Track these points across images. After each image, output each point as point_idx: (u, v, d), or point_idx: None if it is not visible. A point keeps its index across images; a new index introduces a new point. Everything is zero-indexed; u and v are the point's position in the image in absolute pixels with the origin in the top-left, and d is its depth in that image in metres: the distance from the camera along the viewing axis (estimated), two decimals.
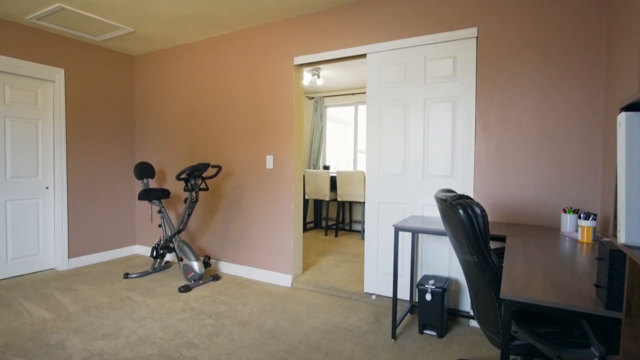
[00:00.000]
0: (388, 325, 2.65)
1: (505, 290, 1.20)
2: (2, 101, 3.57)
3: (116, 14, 3.36)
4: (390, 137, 3.00)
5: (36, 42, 3.74)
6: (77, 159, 4.08)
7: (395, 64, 2.97)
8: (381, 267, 3.08)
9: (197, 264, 3.40)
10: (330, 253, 4.57)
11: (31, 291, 3.29)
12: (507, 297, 1.17)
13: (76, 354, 2.22)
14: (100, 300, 3.08)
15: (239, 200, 3.79)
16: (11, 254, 3.67)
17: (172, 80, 4.31)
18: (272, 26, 3.55)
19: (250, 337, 2.46)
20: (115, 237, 4.49)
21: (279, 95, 3.52)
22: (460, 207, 1.50)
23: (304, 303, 3.07)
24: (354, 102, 6.41)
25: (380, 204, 3.06)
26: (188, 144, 4.19)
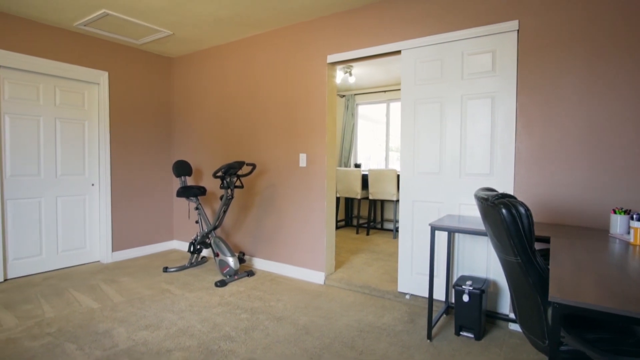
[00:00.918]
0: (423, 326, 2.62)
1: (554, 293, 1.15)
2: (52, 103, 3.79)
3: (156, 18, 3.49)
4: (426, 134, 2.95)
5: (83, 47, 3.95)
6: (119, 157, 4.28)
7: (431, 60, 2.91)
8: (415, 266, 3.04)
9: (233, 260, 3.49)
10: (362, 251, 4.55)
11: (79, 282, 3.49)
12: (556, 301, 1.13)
13: (122, 343, 2.34)
14: (142, 293, 3.22)
15: (273, 198, 3.85)
16: (61, 247, 3.91)
17: (208, 80, 4.43)
18: (305, 25, 3.57)
19: (285, 332, 2.50)
20: (154, 233, 4.67)
21: (311, 93, 3.54)
22: (503, 206, 1.46)
23: (337, 301, 3.08)
24: (386, 100, 6.34)
25: (415, 203, 3.02)
26: (223, 143, 4.30)
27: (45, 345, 2.30)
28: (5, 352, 2.21)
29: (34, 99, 3.67)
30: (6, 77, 3.47)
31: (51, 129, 3.79)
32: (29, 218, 3.67)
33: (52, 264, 3.84)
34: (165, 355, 2.19)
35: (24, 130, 3.60)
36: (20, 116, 3.58)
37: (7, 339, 2.37)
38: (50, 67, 3.70)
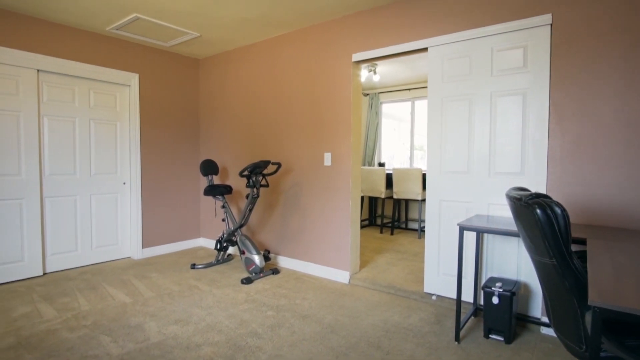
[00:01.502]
0: (450, 327, 2.57)
1: (594, 297, 1.11)
2: (87, 105, 3.95)
3: (184, 20, 3.57)
4: (453, 132, 2.90)
5: (115, 50, 4.09)
6: (149, 157, 4.42)
7: (459, 57, 2.85)
8: (442, 267, 2.99)
9: (258, 258, 3.54)
10: (387, 251, 4.52)
11: (112, 277, 3.62)
12: (596, 305, 1.08)
13: (153, 336, 2.41)
14: (171, 288, 3.31)
15: (298, 197, 3.87)
16: (95, 243, 4.07)
17: (233, 80, 4.50)
18: (330, 24, 3.57)
19: (311, 330, 2.51)
20: (182, 230, 4.79)
21: (336, 92, 3.54)
22: (537, 206, 1.41)
23: (362, 300, 3.07)
24: (411, 98, 6.26)
25: (442, 202, 2.97)
26: (249, 142, 4.36)
27: (82, 337, 2.40)
28: (46, 342, 2.33)
29: (70, 101, 3.83)
30: (45, 81, 3.64)
31: (86, 129, 3.95)
32: (66, 215, 3.83)
33: (86, 259, 4.01)
34: (195, 350, 2.24)
35: (61, 131, 3.76)
36: (58, 118, 3.74)
37: (48, 330, 2.49)
38: (85, 70, 3.85)
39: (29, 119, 3.52)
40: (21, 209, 3.51)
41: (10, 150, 3.42)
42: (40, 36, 3.55)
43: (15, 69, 3.43)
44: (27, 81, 3.51)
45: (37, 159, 3.58)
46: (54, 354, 2.20)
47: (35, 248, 3.60)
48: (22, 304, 2.95)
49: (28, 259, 3.56)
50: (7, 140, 3.40)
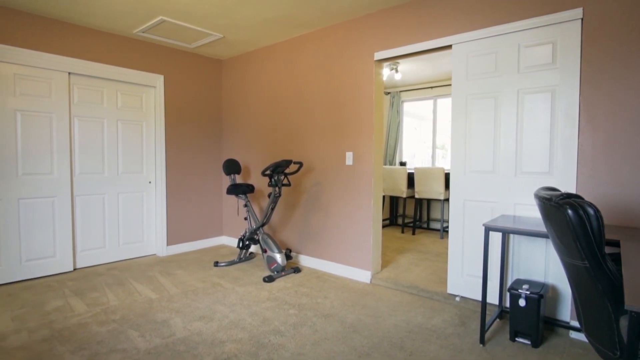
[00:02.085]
0: (475, 330, 2.53)
1: (631, 301, 1.07)
2: (115, 106, 4.07)
3: (208, 22, 3.63)
4: (478, 131, 2.84)
5: (141, 52, 4.20)
6: (173, 156, 4.52)
7: (484, 54, 2.79)
8: (466, 268, 2.94)
9: (280, 256, 3.56)
10: (408, 251, 4.47)
11: (138, 273, 3.73)
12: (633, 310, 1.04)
13: (179, 332, 2.47)
14: (195, 285, 3.38)
15: (319, 196, 3.88)
16: (122, 240, 4.20)
17: (255, 81, 4.54)
18: (351, 23, 3.56)
19: (333, 329, 2.52)
20: (205, 228, 4.88)
21: (358, 91, 3.53)
22: (569, 207, 1.37)
23: (384, 300, 3.05)
24: (433, 96, 6.18)
25: (466, 202, 2.92)
26: (270, 141, 4.40)
27: (111, 331, 2.48)
28: (77, 335, 2.42)
29: (99, 103, 3.95)
30: (75, 83, 3.78)
31: (113, 130, 4.07)
32: (94, 213, 3.97)
33: (114, 255, 4.14)
34: (219, 346, 2.28)
35: (90, 132, 3.90)
36: (87, 119, 3.87)
37: (79, 324, 2.59)
38: (113, 72, 3.97)
39: (61, 120, 3.66)
40: (53, 206, 3.65)
41: (43, 151, 3.56)
42: (71, 40, 3.69)
43: (48, 72, 3.57)
44: (59, 84, 3.65)
45: (68, 159, 3.72)
46: (85, 346, 2.28)
47: (66, 244, 3.74)
48: (54, 298, 3.07)
49: (60, 255, 3.70)
50: (40, 141, 3.54)
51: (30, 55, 3.43)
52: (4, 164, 3.35)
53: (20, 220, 3.46)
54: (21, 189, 3.45)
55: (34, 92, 3.49)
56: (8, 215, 3.39)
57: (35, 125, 3.51)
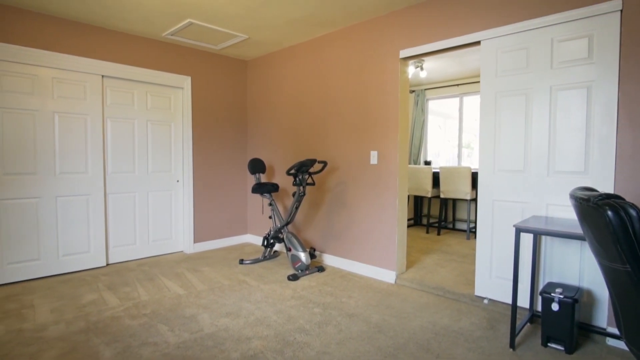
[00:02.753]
0: (504, 333, 2.46)
1: None
2: (145, 107, 4.20)
3: (234, 24, 3.69)
4: (508, 129, 2.76)
5: (170, 55, 4.31)
6: (200, 156, 4.62)
7: (515, 50, 2.71)
8: (495, 270, 2.87)
9: (304, 255, 3.58)
10: (434, 252, 4.40)
11: (167, 269, 3.83)
12: None
13: (206, 328, 2.52)
14: (221, 282, 3.44)
15: (343, 195, 3.87)
16: (151, 237, 4.32)
17: (280, 81, 4.58)
18: (376, 21, 3.53)
19: (358, 329, 2.51)
20: (230, 226, 4.97)
21: (383, 90, 3.50)
22: (609, 208, 1.31)
23: (409, 301, 3.01)
24: (459, 94, 6.05)
25: (495, 202, 2.84)
26: (295, 141, 4.42)
27: (142, 325, 2.56)
28: (111, 328, 2.51)
29: (130, 104, 4.09)
30: (108, 86, 3.92)
31: (143, 130, 4.20)
32: (126, 211, 4.10)
33: (144, 252, 4.27)
34: (246, 343, 2.32)
35: (121, 132, 4.03)
36: (119, 120, 4.01)
37: (112, 317, 2.69)
38: (143, 74, 4.10)
39: (95, 121, 3.81)
40: (88, 204, 3.80)
41: (78, 151, 3.72)
42: (104, 44, 3.82)
43: (83, 75, 3.72)
44: (93, 86, 3.79)
45: (101, 159, 3.86)
46: (119, 339, 2.36)
47: (100, 241, 3.89)
48: (89, 291, 3.20)
49: (93, 250, 3.85)
50: (76, 142, 3.70)
51: (66, 59, 3.58)
52: (43, 164, 3.51)
53: (58, 217, 3.63)
54: (59, 187, 3.61)
55: (70, 94, 3.65)
56: (47, 212, 3.56)
57: (71, 126, 3.66)
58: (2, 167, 3.31)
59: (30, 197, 3.46)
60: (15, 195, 3.38)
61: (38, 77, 3.47)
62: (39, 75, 3.48)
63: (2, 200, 3.32)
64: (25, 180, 3.43)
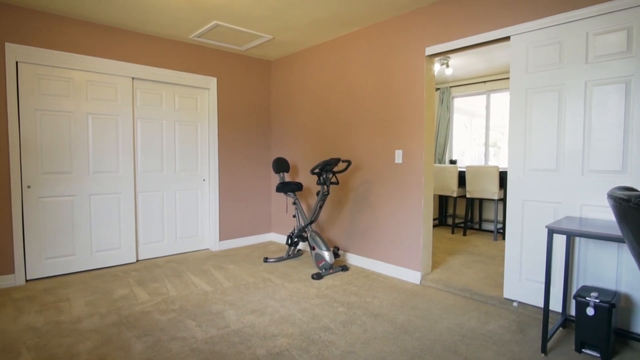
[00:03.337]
0: (535, 338, 2.39)
1: None
2: (172, 108, 4.31)
3: (259, 25, 3.73)
4: (540, 127, 2.67)
5: (196, 56, 4.41)
6: (225, 155, 4.70)
7: (547, 45, 2.62)
8: (525, 272, 2.78)
9: (328, 254, 3.59)
10: (459, 253, 4.32)
11: (194, 266, 3.92)
12: None
13: (233, 324, 2.57)
14: (246, 280, 3.49)
15: (367, 194, 3.85)
16: (179, 234, 4.43)
17: (303, 80, 4.60)
18: (401, 18, 3.49)
19: (383, 329, 2.49)
20: (254, 225, 5.03)
21: (408, 88, 3.45)
22: None
23: (435, 302, 2.96)
24: (486, 91, 5.90)
25: (525, 203, 2.76)
26: (319, 140, 4.43)
27: (171, 320, 2.63)
28: (141, 322, 2.59)
29: (158, 105, 4.20)
30: (138, 88, 4.04)
31: (171, 131, 4.31)
32: (154, 209, 4.22)
33: (171, 249, 4.38)
34: (271, 340, 2.34)
35: (150, 133, 4.15)
36: (148, 120, 4.13)
37: (142, 311, 2.77)
38: (171, 76, 4.21)
39: (125, 122, 3.94)
40: (119, 202, 3.94)
41: (110, 151, 3.85)
42: (134, 47, 3.95)
43: (115, 77, 3.86)
44: (124, 88, 3.92)
45: (131, 158, 3.99)
46: (149, 333, 2.44)
47: (130, 237, 4.02)
48: (120, 286, 3.31)
49: (124, 247, 3.99)
50: (108, 142, 3.84)
51: (100, 62, 3.72)
52: (78, 163, 3.66)
53: (91, 215, 3.77)
54: (92, 185, 3.76)
55: (102, 96, 3.79)
56: (81, 210, 3.71)
57: (103, 127, 3.80)
58: (41, 167, 3.47)
59: (66, 195, 3.62)
60: (53, 193, 3.54)
61: (73, 80, 3.62)
62: (74, 79, 3.62)
63: (41, 198, 3.48)
64: (62, 179, 3.59)
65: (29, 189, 3.42)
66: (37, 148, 3.45)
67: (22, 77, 3.37)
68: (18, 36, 3.31)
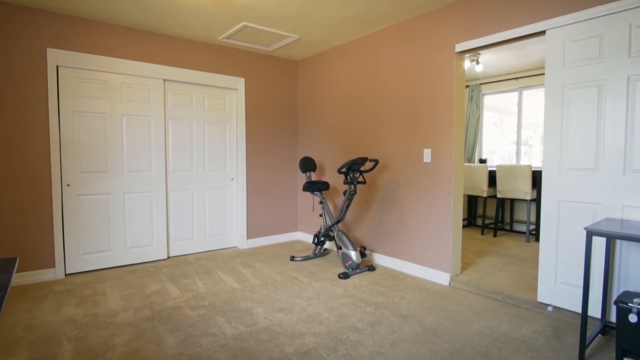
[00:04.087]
0: (572, 344, 2.29)
1: None
2: (202, 109, 4.41)
3: (286, 25, 3.76)
4: (577, 124, 2.56)
5: (225, 57, 4.49)
6: (253, 155, 4.76)
7: (586, 38, 2.50)
8: (561, 275, 2.68)
9: (355, 254, 3.57)
10: (490, 254, 4.20)
11: (222, 264, 4.00)
12: None
13: (261, 321, 2.60)
14: (274, 278, 3.53)
15: (395, 194, 3.81)
16: (208, 232, 4.53)
17: (329, 79, 4.60)
18: (430, 15, 3.43)
19: (411, 331, 2.46)
20: (281, 223, 5.07)
21: (437, 86, 3.39)
22: None
23: (465, 304, 2.90)
24: (518, 88, 5.71)
25: (562, 203, 2.65)
26: (345, 139, 4.42)
27: (201, 316, 2.69)
28: (173, 317, 2.67)
29: (188, 106, 4.31)
30: (169, 89, 4.16)
31: (201, 131, 4.41)
32: (184, 207, 4.34)
33: (200, 246, 4.49)
34: (299, 338, 2.36)
35: (181, 133, 4.26)
36: (179, 121, 4.24)
37: (174, 307, 2.85)
38: (200, 77, 4.30)
39: (157, 122, 4.06)
40: (151, 200, 4.07)
41: (143, 150, 3.98)
42: (165, 49, 4.06)
43: (148, 79, 3.98)
44: (156, 90, 4.04)
45: (163, 158, 4.11)
46: (181, 328, 2.51)
47: (162, 235, 4.15)
48: (153, 282, 3.42)
49: (156, 243, 4.12)
50: (141, 142, 3.97)
51: (133, 65, 3.85)
52: (113, 163, 3.81)
53: (125, 212, 3.91)
54: (126, 184, 3.90)
55: (136, 98, 3.92)
56: (116, 208, 3.85)
57: (136, 127, 3.94)
58: (79, 166, 3.64)
59: (102, 193, 3.77)
60: (90, 191, 3.70)
61: (109, 82, 3.77)
62: (110, 81, 3.77)
63: (79, 196, 3.65)
64: (98, 178, 3.74)
65: (68, 187, 3.59)
66: (75, 148, 3.61)
67: (62, 80, 3.53)
68: (58, 42, 3.47)
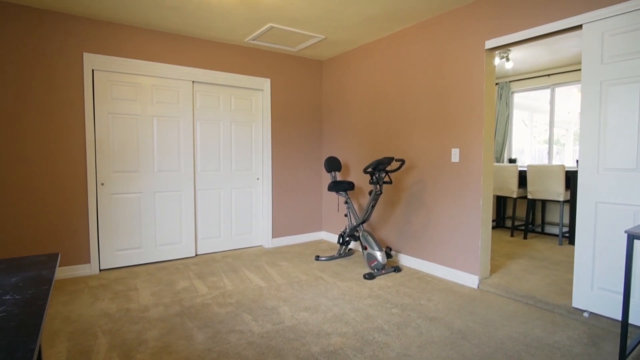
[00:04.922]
0: (610, 352, 2.19)
1: None
2: (229, 109, 4.48)
3: (311, 25, 3.77)
4: (618, 122, 2.44)
5: (251, 59, 4.55)
6: (278, 154, 4.80)
7: (627, 32, 2.39)
8: (598, 280, 2.56)
9: (380, 254, 3.54)
10: (520, 257, 4.07)
11: (248, 262, 4.05)
12: None
13: (287, 320, 2.62)
14: (299, 277, 3.55)
15: (421, 194, 3.76)
16: (234, 231, 4.61)
17: (355, 78, 4.58)
18: (459, 11, 3.35)
19: (439, 334, 2.42)
20: (306, 223, 5.10)
21: (466, 84, 3.31)
22: None
23: (495, 308, 2.82)
24: (550, 85, 5.51)
25: (599, 205, 2.54)
26: (371, 139, 4.39)
27: (229, 313, 2.74)
28: (202, 314, 2.73)
29: (216, 107, 4.39)
30: (197, 90, 4.25)
31: (227, 131, 4.49)
32: (212, 206, 4.42)
33: (227, 244, 4.57)
34: (325, 338, 2.36)
35: (208, 133, 4.35)
36: (207, 121, 4.33)
37: (202, 304, 2.92)
38: (227, 78, 4.38)
39: (186, 123, 4.16)
40: (180, 199, 4.17)
41: (172, 151, 4.09)
42: (194, 52, 4.16)
43: (177, 81, 4.09)
44: (185, 91, 4.14)
45: (191, 158, 4.21)
46: (209, 324, 2.56)
47: (190, 232, 4.25)
48: (181, 279, 3.51)
49: (185, 241, 4.22)
50: (171, 142, 4.08)
51: (163, 68, 3.96)
52: (145, 162, 3.93)
53: (156, 211, 4.03)
54: (156, 183, 4.02)
55: (166, 100, 4.03)
56: (147, 206, 3.97)
57: (166, 128, 4.05)
58: (112, 166, 3.77)
59: (134, 192, 3.90)
60: (123, 190, 3.83)
61: (140, 85, 3.89)
62: (141, 84, 3.89)
63: (113, 195, 3.78)
64: (130, 177, 3.87)
65: (102, 186, 3.73)
66: (109, 148, 3.75)
67: (97, 83, 3.67)
68: (94, 46, 3.61)
